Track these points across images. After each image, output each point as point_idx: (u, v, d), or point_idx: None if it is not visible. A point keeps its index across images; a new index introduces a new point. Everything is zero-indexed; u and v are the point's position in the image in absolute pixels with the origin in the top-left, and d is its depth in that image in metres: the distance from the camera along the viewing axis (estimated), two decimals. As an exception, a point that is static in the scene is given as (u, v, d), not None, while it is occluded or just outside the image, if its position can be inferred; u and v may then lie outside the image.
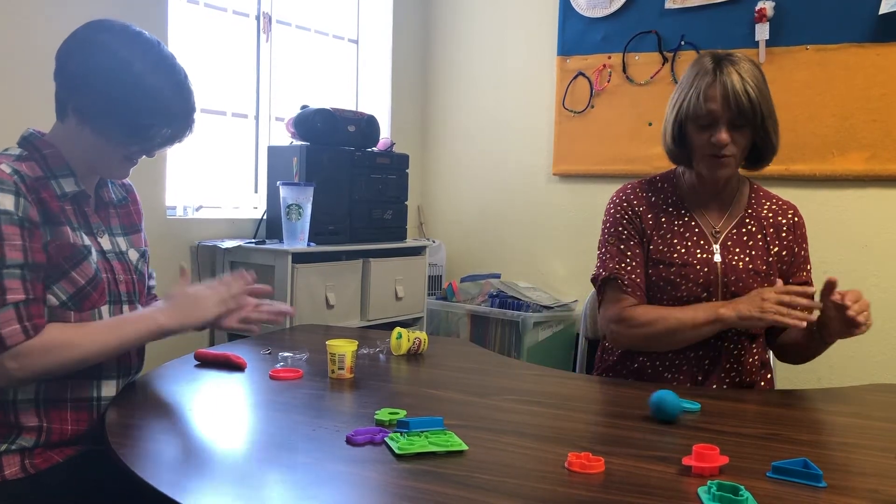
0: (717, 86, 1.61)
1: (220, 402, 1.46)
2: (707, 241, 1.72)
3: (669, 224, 1.74)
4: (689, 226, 1.74)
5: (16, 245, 1.28)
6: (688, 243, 1.72)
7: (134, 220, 1.59)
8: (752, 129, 1.64)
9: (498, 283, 3.46)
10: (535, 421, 1.38)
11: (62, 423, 1.38)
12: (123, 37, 1.38)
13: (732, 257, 1.71)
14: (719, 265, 1.70)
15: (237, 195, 3.14)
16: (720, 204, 1.77)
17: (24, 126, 1.46)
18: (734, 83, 1.59)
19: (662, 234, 1.74)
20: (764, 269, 1.71)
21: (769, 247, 1.73)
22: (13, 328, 1.26)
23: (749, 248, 1.72)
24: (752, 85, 1.60)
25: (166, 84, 1.39)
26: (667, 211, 1.76)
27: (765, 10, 2.97)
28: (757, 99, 1.60)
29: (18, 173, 1.31)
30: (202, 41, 2.96)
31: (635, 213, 1.76)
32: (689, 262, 1.70)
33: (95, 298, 1.40)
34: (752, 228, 1.74)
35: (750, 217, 1.76)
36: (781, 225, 1.76)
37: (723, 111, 1.61)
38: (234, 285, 1.54)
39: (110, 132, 1.37)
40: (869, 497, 1.04)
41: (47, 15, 2.35)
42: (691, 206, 1.76)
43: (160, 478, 1.04)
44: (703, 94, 1.62)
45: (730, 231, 1.74)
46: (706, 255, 1.71)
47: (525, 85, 3.65)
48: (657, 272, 1.72)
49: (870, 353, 2.90)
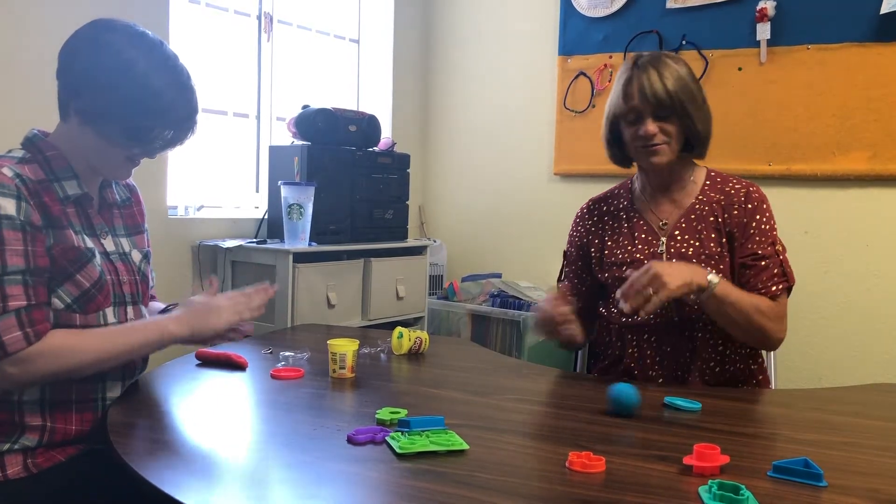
0: (635, 83, 1.70)
1: (222, 401, 1.46)
2: (654, 236, 1.78)
3: (620, 228, 1.84)
4: (637, 225, 1.81)
5: (17, 250, 1.28)
6: (636, 242, 1.79)
7: (137, 220, 1.59)
8: (678, 118, 1.71)
9: (499, 282, 3.46)
10: (535, 420, 1.38)
11: (66, 424, 1.38)
12: (127, 36, 1.37)
13: (680, 246, 1.74)
14: (664, 256, 1.74)
15: (238, 195, 3.15)
16: (670, 198, 1.81)
17: (26, 126, 1.46)
18: (649, 78, 1.69)
19: (615, 238, 1.83)
20: (717, 251, 1.72)
21: (720, 228, 1.74)
22: (14, 335, 1.26)
23: (699, 231, 1.75)
24: (670, 78, 1.68)
25: (170, 85, 1.38)
26: (618, 216, 1.86)
27: (766, 9, 2.96)
28: (675, 89, 1.68)
29: (20, 177, 1.31)
30: (203, 41, 2.96)
31: (585, 230, 1.91)
32: (636, 258, 1.76)
33: (100, 301, 1.39)
34: (703, 213, 1.76)
35: (701, 203, 1.78)
36: (733, 204, 1.76)
37: (643, 105, 1.69)
38: (257, 298, 1.55)
39: (112, 133, 1.37)
40: (869, 497, 1.04)
41: (49, 14, 2.35)
42: (641, 207, 1.84)
43: (162, 477, 1.05)
44: (622, 93, 1.72)
45: (678, 221, 1.77)
46: (652, 248, 1.77)
47: (526, 85, 3.65)
48: (611, 273, 1.80)
49: (871, 352, 2.90)
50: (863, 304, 2.92)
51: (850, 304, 2.94)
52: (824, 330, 2.98)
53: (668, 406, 1.45)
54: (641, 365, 1.74)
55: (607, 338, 1.84)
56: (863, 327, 2.91)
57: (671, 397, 1.47)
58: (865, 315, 2.91)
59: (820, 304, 2.97)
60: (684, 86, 1.70)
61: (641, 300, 1.53)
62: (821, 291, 2.97)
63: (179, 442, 1.23)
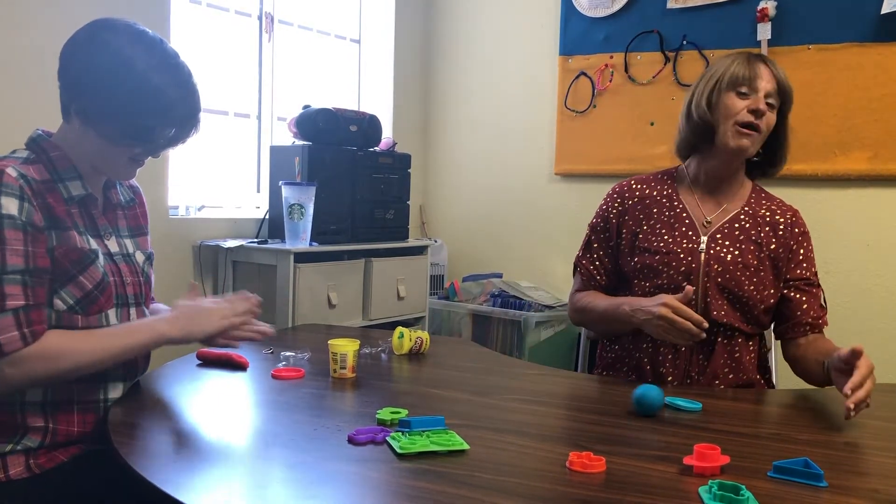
0: (762, 65, 1.70)
1: (223, 401, 1.46)
2: (695, 232, 1.75)
3: (660, 214, 1.79)
4: (679, 217, 1.78)
5: (17, 250, 1.27)
6: (675, 233, 1.76)
7: (140, 221, 1.59)
8: (781, 113, 1.72)
9: (500, 282, 3.46)
10: (536, 420, 1.38)
11: (69, 425, 1.38)
12: (126, 35, 1.36)
13: (720, 249, 1.73)
14: (703, 255, 1.72)
15: (239, 195, 3.15)
16: (717, 198, 1.79)
17: (28, 126, 1.46)
18: (777, 68, 1.72)
19: (652, 223, 1.78)
20: (754, 264, 1.71)
21: (762, 244, 1.74)
22: (11, 335, 1.25)
23: (740, 241, 1.73)
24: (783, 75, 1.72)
25: (171, 84, 1.37)
26: (660, 202, 1.81)
27: (767, 9, 2.96)
28: (788, 88, 1.71)
29: (25, 177, 1.30)
30: (204, 41, 2.97)
31: (622, 207, 1.83)
32: (672, 250, 1.73)
33: (103, 302, 1.39)
34: (745, 224, 1.76)
35: (746, 214, 1.77)
36: (778, 224, 1.76)
37: (767, 84, 1.68)
38: (240, 305, 1.54)
39: (113, 133, 1.37)
40: (870, 497, 1.04)
41: (50, 14, 2.35)
42: (687, 199, 1.80)
43: (163, 477, 1.05)
44: (748, 65, 1.69)
45: (722, 224, 1.76)
46: (692, 244, 1.74)
47: (527, 85, 3.65)
48: (642, 259, 1.76)
49: (872, 353, 2.87)
50: (863, 305, 2.91)
51: (851, 305, 2.94)
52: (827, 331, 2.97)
53: (668, 406, 1.45)
54: (654, 362, 1.72)
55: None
56: (863, 327, 2.91)
57: (672, 397, 1.47)
58: (866, 315, 2.91)
59: (821, 304, 2.97)
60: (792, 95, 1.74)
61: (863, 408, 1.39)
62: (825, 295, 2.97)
63: (180, 442, 1.24)
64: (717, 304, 1.68)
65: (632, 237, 1.79)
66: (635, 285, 1.77)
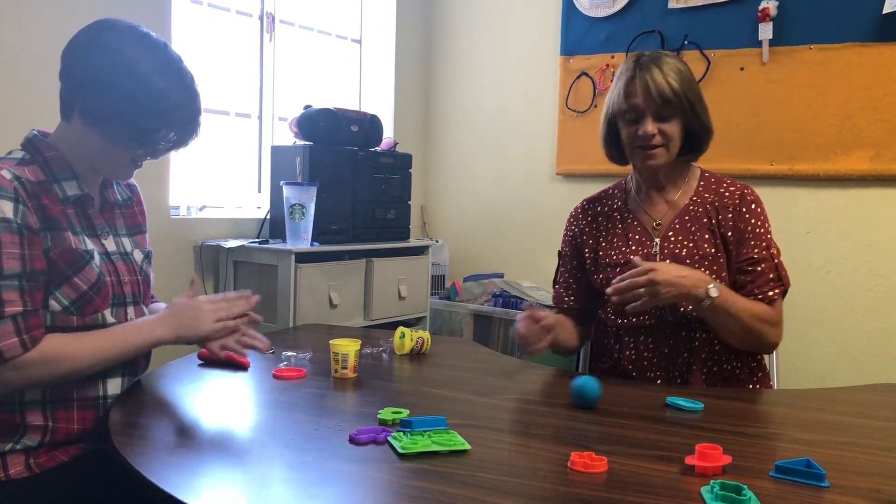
0: (638, 81, 1.69)
1: (224, 401, 1.46)
2: (647, 237, 1.78)
3: (614, 228, 1.83)
4: (631, 226, 1.81)
5: (13, 254, 1.27)
6: (630, 242, 1.79)
7: (138, 220, 1.59)
8: (683, 116, 1.70)
9: (501, 282, 3.46)
10: (537, 420, 1.38)
11: (68, 423, 1.38)
12: (130, 37, 1.37)
13: (674, 247, 1.74)
14: (658, 257, 1.74)
15: (240, 195, 3.15)
16: (664, 198, 1.80)
17: (26, 126, 1.46)
18: (654, 76, 1.67)
19: (609, 238, 1.83)
20: (711, 252, 1.72)
21: (715, 229, 1.74)
22: (11, 341, 1.26)
23: (692, 233, 1.74)
24: (674, 76, 1.68)
25: (173, 87, 1.37)
26: (611, 216, 1.85)
27: (768, 9, 2.96)
28: (680, 87, 1.67)
29: (19, 179, 1.31)
30: (205, 41, 2.97)
31: (579, 230, 1.89)
32: (630, 259, 1.73)
33: (98, 303, 1.39)
34: (697, 213, 1.76)
35: (695, 204, 1.77)
36: (727, 206, 1.76)
37: (646, 104, 1.68)
38: (236, 307, 1.53)
39: (116, 134, 1.37)
40: (871, 497, 1.04)
41: (50, 15, 2.35)
42: (635, 207, 1.83)
43: (164, 476, 1.05)
44: (624, 91, 1.70)
45: (672, 222, 1.77)
46: (646, 249, 1.76)
47: (528, 85, 3.65)
48: (605, 274, 1.79)
49: (873, 353, 2.90)
50: (865, 305, 2.91)
51: (853, 305, 2.93)
52: (827, 330, 2.98)
53: (670, 406, 1.45)
54: (639, 367, 1.74)
55: (605, 340, 1.84)
56: (865, 327, 2.90)
57: (673, 397, 1.47)
58: (868, 315, 2.91)
59: (822, 304, 2.97)
60: (690, 84, 1.70)
61: (630, 298, 1.55)
62: (823, 291, 2.97)
63: (181, 441, 1.24)
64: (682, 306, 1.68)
65: (593, 255, 1.84)
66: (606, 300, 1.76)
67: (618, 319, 1.76)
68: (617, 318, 1.77)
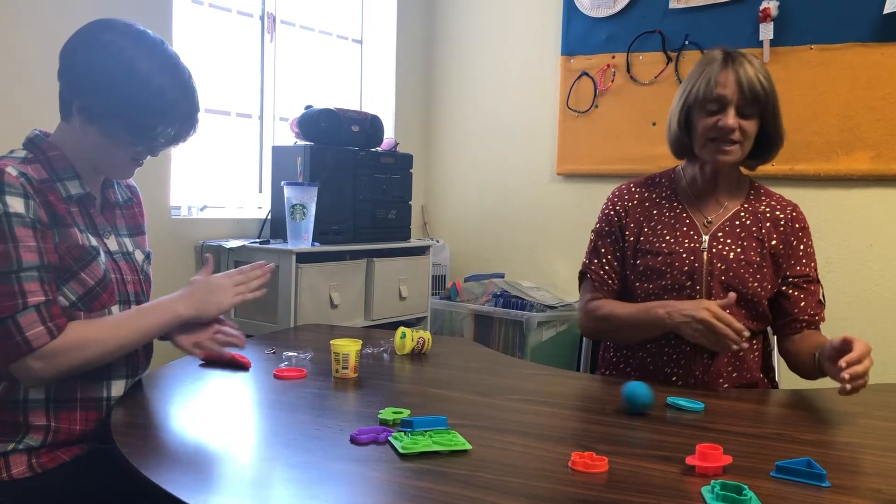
0: (730, 72, 1.67)
1: (225, 401, 1.46)
2: (696, 232, 1.75)
3: (661, 216, 1.79)
4: (680, 217, 1.78)
5: (31, 247, 1.29)
6: (677, 233, 1.76)
7: (139, 221, 1.60)
8: (763, 116, 1.69)
9: (502, 282, 3.46)
10: (538, 420, 1.38)
11: (71, 423, 1.38)
12: (128, 36, 1.37)
13: (723, 248, 1.73)
14: (705, 254, 1.72)
15: (241, 195, 3.15)
16: (717, 198, 1.79)
17: (26, 126, 1.46)
18: (747, 71, 1.66)
19: (653, 225, 1.78)
20: (757, 261, 1.72)
21: (764, 240, 1.74)
22: (38, 330, 1.28)
23: (742, 238, 1.74)
24: (763, 74, 1.67)
25: (171, 84, 1.39)
26: (660, 204, 1.81)
27: (769, 9, 2.96)
28: (769, 87, 1.67)
29: (25, 176, 1.32)
30: (207, 41, 2.97)
31: (624, 210, 1.83)
32: (675, 250, 1.73)
33: (105, 299, 1.40)
34: (746, 221, 1.76)
35: (746, 211, 1.77)
36: (779, 219, 1.76)
37: (734, 96, 1.66)
38: (254, 279, 1.56)
39: (116, 131, 1.38)
40: (872, 497, 1.04)
41: (49, 14, 2.35)
42: (686, 200, 1.80)
43: (165, 477, 1.05)
44: (713, 80, 1.67)
45: (723, 223, 1.76)
46: (693, 244, 1.74)
47: (529, 85, 3.65)
48: (644, 261, 1.75)
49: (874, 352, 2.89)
50: (866, 305, 2.91)
51: (854, 305, 2.93)
52: (827, 330, 2.96)
53: (670, 406, 1.45)
54: (658, 361, 1.72)
55: None
56: (866, 328, 2.90)
57: (674, 397, 1.47)
58: (869, 315, 2.91)
59: (823, 305, 2.97)
60: (773, 87, 1.69)
61: (861, 385, 1.43)
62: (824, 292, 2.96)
63: (183, 442, 1.24)
64: None
65: (634, 240, 1.79)
66: (637, 288, 1.76)
67: None
68: None
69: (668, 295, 1.71)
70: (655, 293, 1.72)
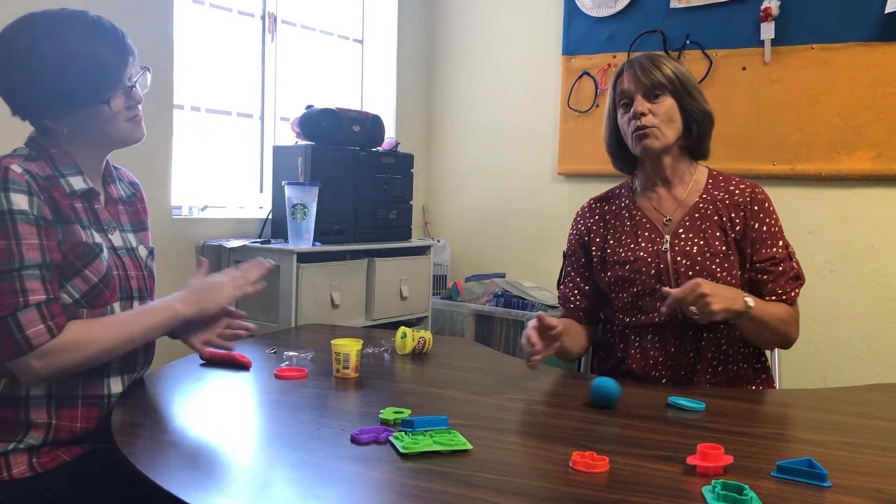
0: (629, 71, 1.75)
1: (226, 401, 1.47)
2: (657, 233, 1.77)
3: (622, 226, 1.82)
4: (640, 223, 1.80)
5: (33, 244, 1.29)
6: (639, 239, 1.78)
7: (141, 217, 1.60)
8: (675, 96, 1.73)
9: (503, 282, 3.46)
10: (539, 420, 1.38)
11: (72, 421, 1.38)
12: (29, 26, 1.35)
13: (685, 244, 1.73)
14: (668, 254, 1.73)
15: (242, 195, 3.15)
16: (672, 194, 1.80)
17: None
18: (642, 62, 1.74)
19: (617, 236, 1.82)
20: (722, 250, 1.72)
21: (726, 228, 1.74)
22: (38, 328, 1.28)
23: (703, 230, 1.74)
24: (662, 60, 1.74)
25: (98, 31, 1.37)
26: (620, 215, 1.84)
27: (770, 9, 2.96)
28: (668, 68, 1.72)
29: (30, 173, 1.32)
30: (207, 41, 2.97)
31: (586, 228, 1.88)
32: (640, 256, 1.75)
33: (108, 296, 1.40)
34: (707, 211, 1.76)
35: (704, 202, 1.77)
36: (738, 204, 1.76)
37: (636, 85, 1.72)
38: (253, 273, 1.57)
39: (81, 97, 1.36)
40: (873, 497, 1.04)
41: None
42: (643, 204, 1.83)
43: (166, 476, 1.05)
44: (615, 82, 1.78)
45: (682, 219, 1.76)
46: (656, 246, 1.75)
47: (530, 84, 3.65)
48: (614, 272, 1.78)
49: (875, 352, 2.89)
50: (867, 305, 2.91)
51: (855, 305, 2.93)
52: (828, 330, 2.97)
53: (671, 406, 1.45)
54: (644, 366, 1.74)
55: (610, 339, 1.84)
56: (867, 328, 2.90)
57: (675, 397, 1.47)
58: (870, 315, 2.91)
59: (824, 305, 2.97)
60: (679, 69, 1.74)
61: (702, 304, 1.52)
62: (825, 292, 2.97)
63: (183, 441, 1.24)
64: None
65: (601, 253, 1.83)
66: (614, 298, 1.80)
67: (625, 318, 1.76)
68: (624, 317, 1.77)
69: (642, 301, 1.73)
70: (629, 301, 1.75)
